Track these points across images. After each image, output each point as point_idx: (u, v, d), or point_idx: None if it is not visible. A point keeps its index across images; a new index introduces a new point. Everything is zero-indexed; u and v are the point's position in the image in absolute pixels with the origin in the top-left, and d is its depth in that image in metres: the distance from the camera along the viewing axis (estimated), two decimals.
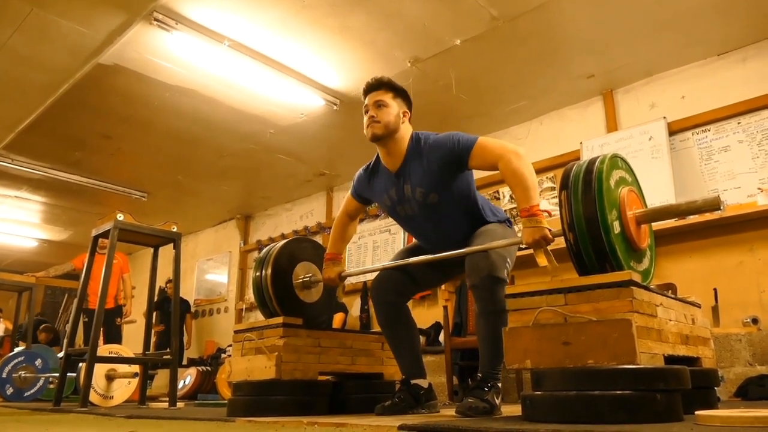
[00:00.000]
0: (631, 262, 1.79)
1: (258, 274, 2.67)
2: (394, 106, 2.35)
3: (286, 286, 2.69)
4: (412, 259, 2.42)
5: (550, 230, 1.98)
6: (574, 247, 1.75)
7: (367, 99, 2.39)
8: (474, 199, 2.40)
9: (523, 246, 2.08)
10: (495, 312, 2.14)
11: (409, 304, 2.64)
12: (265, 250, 2.75)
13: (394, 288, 2.52)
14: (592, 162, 1.78)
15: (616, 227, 1.73)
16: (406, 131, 2.38)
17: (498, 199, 5.48)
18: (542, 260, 1.96)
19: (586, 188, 1.71)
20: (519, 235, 2.11)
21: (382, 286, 2.53)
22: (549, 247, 2.01)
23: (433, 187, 2.29)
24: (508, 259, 2.24)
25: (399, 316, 2.54)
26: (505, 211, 5.37)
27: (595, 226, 1.68)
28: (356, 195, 2.62)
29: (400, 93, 2.41)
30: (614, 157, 1.86)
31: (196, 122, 5.37)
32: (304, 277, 2.74)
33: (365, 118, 2.36)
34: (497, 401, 2.16)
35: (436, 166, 2.27)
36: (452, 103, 4.85)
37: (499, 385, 2.23)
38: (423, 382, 2.49)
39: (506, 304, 2.02)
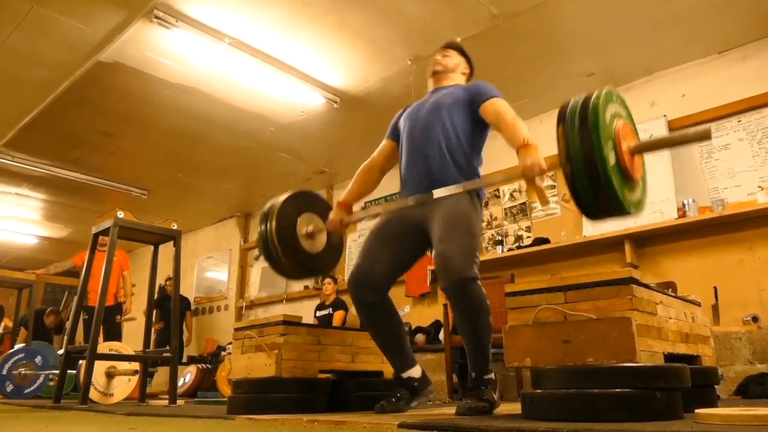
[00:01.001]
0: (626, 192, 1.81)
1: (263, 227, 2.64)
2: (456, 58, 2.70)
3: (290, 237, 2.66)
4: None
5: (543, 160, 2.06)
6: (571, 178, 1.78)
7: (438, 50, 2.71)
8: (472, 139, 2.45)
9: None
10: (471, 313, 2.16)
11: (409, 302, 2.62)
12: (268, 204, 2.74)
13: (371, 284, 2.41)
14: (588, 97, 1.79)
15: (612, 158, 1.76)
16: (458, 79, 2.65)
17: (498, 197, 5.48)
18: (533, 197, 1.98)
19: (582, 122, 1.74)
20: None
21: (359, 285, 2.42)
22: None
23: (447, 95, 2.50)
24: (477, 252, 2.21)
25: (380, 314, 2.45)
26: (505, 210, 5.42)
27: (591, 157, 1.71)
28: (392, 127, 2.75)
29: (464, 55, 2.75)
30: (609, 92, 1.88)
31: (196, 120, 5.37)
32: (307, 228, 2.73)
33: (431, 60, 2.69)
34: (495, 396, 2.18)
35: (465, 95, 2.49)
36: None
37: (493, 377, 2.24)
38: (415, 372, 2.45)
39: (482, 299, 2.12)
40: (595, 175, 1.71)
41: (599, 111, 1.74)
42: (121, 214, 3.95)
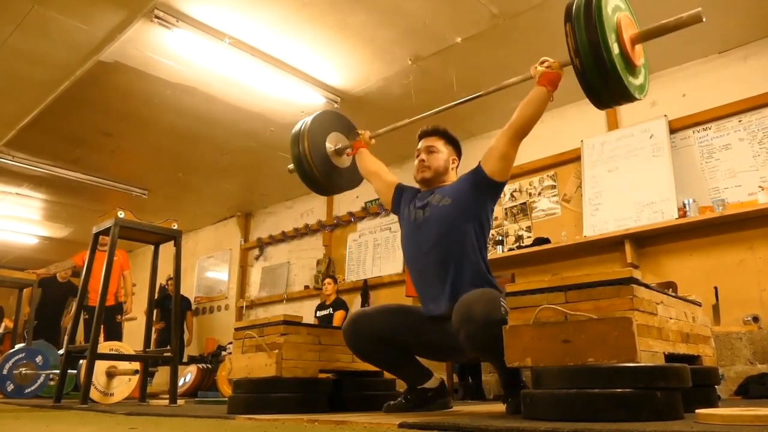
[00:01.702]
0: (629, 78, 2.04)
1: (297, 149, 2.88)
2: (444, 152, 2.49)
3: (322, 155, 2.89)
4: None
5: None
6: (580, 68, 2.00)
7: (420, 143, 2.53)
8: (482, 244, 2.33)
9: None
10: (497, 347, 1.79)
11: (409, 303, 2.63)
12: (297, 125, 2.98)
13: (372, 336, 2.34)
14: None
15: (615, 48, 1.97)
16: (452, 177, 2.50)
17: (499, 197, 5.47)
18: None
19: (587, 18, 1.95)
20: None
21: (358, 332, 2.36)
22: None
23: (452, 194, 2.36)
24: (503, 302, 1.96)
25: (379, 353, 2.39)
26: (506, 210, 5.41)
27: (597, 48, 1.93)
28: (398, 187, 2.63)
29: (451, 141, 2.54)
30: None
31: (196, 120, 5.37)
32: (336, 146, 2.95)
33: (416, 162, 2.50)
34: None
35: (461, 182, 2.40)
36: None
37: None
38: (431, 383, 2.43)
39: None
40: (602, 64, 1.93)
41: (601, 6, 1.95)
42: (121, 214, 3.95)
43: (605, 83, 1.97)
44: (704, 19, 2.05)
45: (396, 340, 2.34)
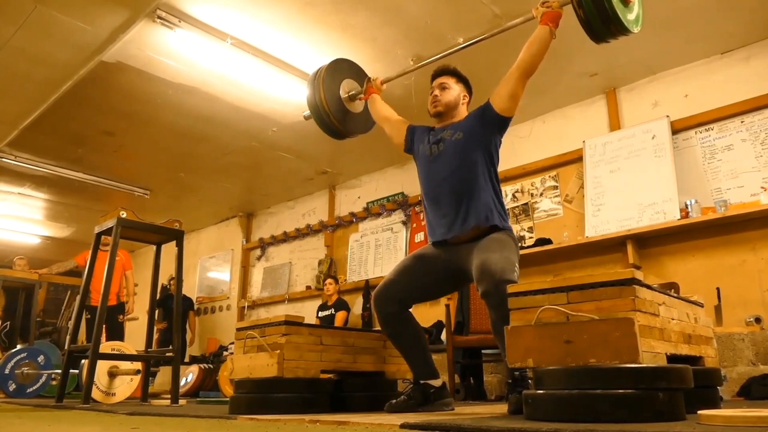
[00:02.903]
0: (625, 12, 2.20)
1: (313, 96, 2.96)
2: (456, 89, 2.64)
3: (336, 101, 3.00)
4: None
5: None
6: (578, 7, 2.20)
7: (433, 83, 2.66)
8: (492, 174, 2.50)
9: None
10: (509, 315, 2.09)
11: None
12: (312, 73, 3.06)
13: (398, 297, 2.50)
14: None
15: None
16: (463, 112, 2.64)
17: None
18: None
19: None
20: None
21: (385, 296, 2.51)
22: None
23: (463, 129, 2.52)
24: (516, 265, 2.24)
25: (402, 325, 2.53)
26: (508, 210, 5.40)
27: None
28: (410, 128, 2.78)
29: (462, 79, 2.69)
30: None
31: (198, 120, 5.38)
32: (348, 92, 3.05)
33: (430, 98, 2.64)
34: None
35: (471, 119, 2.55)
36: None
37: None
38: (435, 382, 2.49)
39: None
40: (600, 2, 2.10)
41: None
42: (123, 214, 3.95)
43: (602, 18, 2.15)
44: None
45: (413, 294, 2.54)
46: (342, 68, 3.10)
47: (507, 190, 5.40)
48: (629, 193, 4.55)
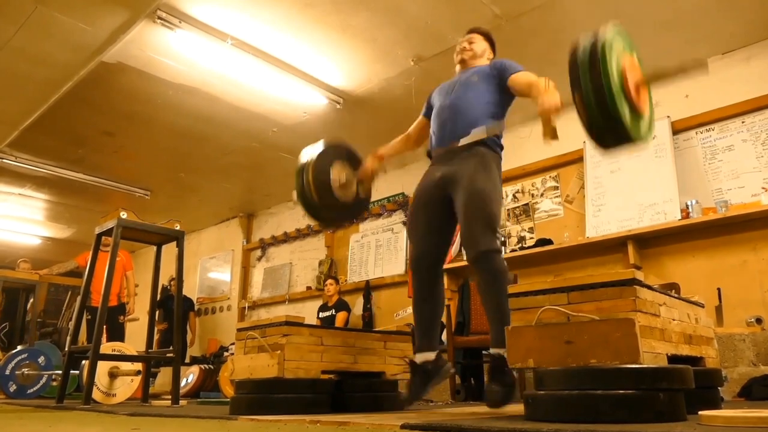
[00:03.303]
0: (635, 124, 2.01)
1: (301, 179, 2.84)
2: (481, 43, 2.83)
3: (324, 186, 2.83)
4: None
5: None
6: (586, 118, 1.98)
7: (465, 35, 2.84)
8: (498, 107, 2.63)
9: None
10: (491, 280, 2.34)
11: (411, 303, 2.66)
12: (305, 155, 2.93)
13: (428, 257, 2.59)
14: (594, 43, 1.96)
15: (620, 95, 1.93)
16: (485, 62, 2.78)
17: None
18: (547, 132, 2.27)
19: (592, 67, 1.93)
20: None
21: (419, 260, 2.60)
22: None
23: (480, 73, 2.67)
24: (497, 225, 2.42)
25: (432, 292, 2.60)
26: (508, 211, 5.41)
27: (602, 97, 1.89)
28: (426, 105, 2.88)
29: (488, 38, 2.87)
30: (612, 34, 2.02)
31: (198, 120, 5.38)
32: (340, 178, 2.89)
33: (457, 48, 2.81)
34: (516, 374, 2.32)
35: (490, 69, 2.68)
36: None
37: None
38: (429, 355, 2.50)
39: (501, 268, 2.31)
40: (607, 113, 1.89)
41: (607, 55, 1.92)
42: (124, 215, 3.95)
43: (612, 131, 1.97)
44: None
45: (439, 241, 2.63)
46: (334, 152, 2.94)
47: (507, 190, 5.40)
48: (630, 194, 4.55)
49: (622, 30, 2.08)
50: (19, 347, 5.81)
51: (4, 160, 6.15)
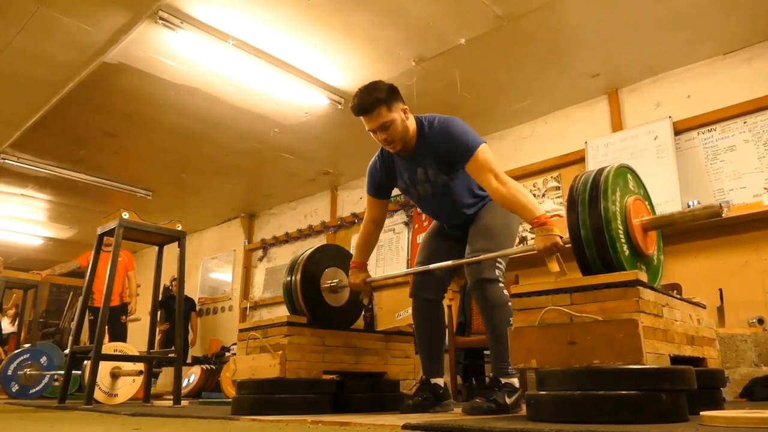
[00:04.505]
0: (637, 266, 1.84)
1: (288, 279, 2.77)
2: (396, 118, 2.35)
3: (314, 290, 2.80)
4: (432, 266, 2.53)
5: (561, 237, 2.05)
6: (582, 258, 1.81)
7: (366, 124, 2.39)
8: (474, 186, 2.55)
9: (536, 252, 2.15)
10: (488, 309, 2.34)
11: (410, 302, 2.68)
12: (294, 257, 2.88)
13: (430, 284, 2.61)
14: (598, 173, 1.83)
15: (622, 236, 1.78)
16: (412, 125, 2.44)
17: None
18: (554, 267, 2.04)
19: (591, 202, 1.78)
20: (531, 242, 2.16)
21: (421, 284, 2.62)
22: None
23: (443, 170, 2.44)
24: (500, 259, 2.38)
25: (434, 317, 2.63)
26: None
27: (601, 237, 1.75)
28: (373, 191, 2.68)
29: (389, 98, 2.34)
30: (620, 168, 1.90)
31: (200, 121, 5.38)
32: (331, 282, 2.84)
33: (376, 139, 2.43)
34: (508, 401, 2.20)
35: (442, 155, 2.40)
36: (456, 102, 4.83)
37: (514, 382, 2.26)
38: (440, 381, 2.58)
39: (503, 299, 2.27)
40: (606, 255, 1.74)
41: (609, 190, 1.78)
42: (125, 215, 3.96)
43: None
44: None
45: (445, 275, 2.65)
46: (326, 255, 2.91)
47: None
48: None
49: (629, 169, 2.00)
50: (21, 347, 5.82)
51: (6, 161, 6.16)
